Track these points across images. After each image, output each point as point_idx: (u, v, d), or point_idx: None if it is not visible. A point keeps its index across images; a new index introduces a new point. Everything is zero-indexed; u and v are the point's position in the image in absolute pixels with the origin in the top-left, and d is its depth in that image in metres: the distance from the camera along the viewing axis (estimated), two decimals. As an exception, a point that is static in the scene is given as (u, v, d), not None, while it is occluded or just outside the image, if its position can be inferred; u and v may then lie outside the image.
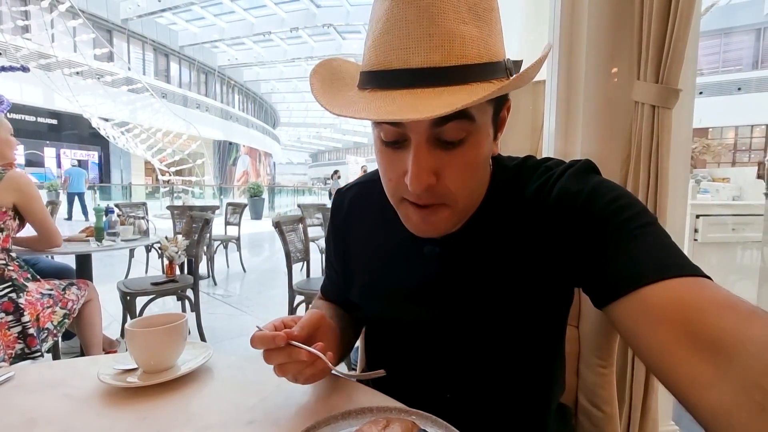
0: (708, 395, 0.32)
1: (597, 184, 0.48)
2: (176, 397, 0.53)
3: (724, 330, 0.33)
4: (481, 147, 0.47)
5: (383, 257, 0.62)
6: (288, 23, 19.77)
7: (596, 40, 1.30)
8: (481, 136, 0.46)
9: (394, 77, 0.41)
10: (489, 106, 0.46)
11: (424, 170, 0.44)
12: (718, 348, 0.33)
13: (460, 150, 0.45)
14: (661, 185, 1.19)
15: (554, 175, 0.52)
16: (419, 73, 0.40)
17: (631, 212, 0.44)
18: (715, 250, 2.52)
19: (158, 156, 13.74)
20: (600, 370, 0.79)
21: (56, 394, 0.53)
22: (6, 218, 1.70)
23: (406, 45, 0.40)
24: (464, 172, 0.46)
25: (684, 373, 0.34)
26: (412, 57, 0.40)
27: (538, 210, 0.51)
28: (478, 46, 0.41)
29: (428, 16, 0.39)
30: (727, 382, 0.31)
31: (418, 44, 0.40)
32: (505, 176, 0.56)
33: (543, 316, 0.55)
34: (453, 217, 0.50)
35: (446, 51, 0.40)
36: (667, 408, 1.50)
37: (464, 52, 0.40)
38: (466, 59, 0.40)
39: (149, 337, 0.56)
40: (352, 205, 0.68)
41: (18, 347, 1.63)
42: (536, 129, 1.77)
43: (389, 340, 0.65)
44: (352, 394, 0.54)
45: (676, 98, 1.15)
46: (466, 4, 0.40)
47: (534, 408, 0.61)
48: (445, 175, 0.46)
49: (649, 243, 0.42)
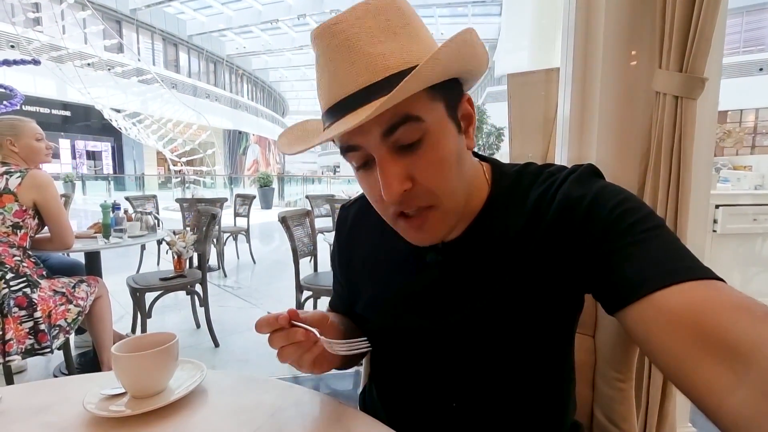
0: (727, 402, 0.32)
1: (601, 188, 0.48)
2: (165, 426, 0.50)
3: (740, 333, 0.32)
4: (443, 143, 0.47)
5: (387, 268, 0.62)
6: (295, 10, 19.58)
7: (615, 25, 1.22)
8: (439, 133, 0.47)
9: (338, 108, 0.45)
10: (436, 102, 0.46)
11: (394, 178, 0.45)
12: (735, 352, 0.32)
13: (422, 150, 0.46)
14: (684, 180, 1.12)
15: (557, 180, 0.51)
16: (355, 96, 0.43)
17: (638, 216, 0.44)
18: (735, 241, 2.43)
19: (169, 146, 13.83)
20: (618, 384, 0.75)
21: (38, 422, 0.50)
22: (26, 216, 1.72)
23: (339, 80, 0.44)
24: (435, 170, 0.47)
25: (700, 378, 0.34)
26: (346, 87, 0.44)
27: (541, 216, 0.51)
28: (401, 56, 0.44)
29: (346, 48, 0.43)
30: (746, 388, 0.31)
31: (346, 74, 0.44)
32: (505, 182, 0.56)
33: (549, 323, 0.54)
34: (445, 219, 0.50)
35: (370, 70, 0.43)
36: (684, 410, 1.45)
37: (387, 65, 0.43)
38: (391, 70, 0.43)
39: (136, 362, 0.53)
40: (355, 219, 0.69)
41: (28, 342, 1.64)
42: (549, 120, 1.70)
43: (395, 349, 0.63)
44: (350, 424, 0.50)
45: (701, 88, 1.07)
46: (377, 28, 0.44)
47: (544, 419, 0.60)
48: (417, 178, 0.47)
49: (658, 246, 0.41)
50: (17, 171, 1.72)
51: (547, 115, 1.71)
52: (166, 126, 13.09)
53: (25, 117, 1.95)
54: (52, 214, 1.79)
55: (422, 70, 0.40)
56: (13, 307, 1.61)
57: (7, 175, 1.70)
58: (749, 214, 2.40)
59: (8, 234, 1.68)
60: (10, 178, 1.69)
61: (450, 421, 0.58)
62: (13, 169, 1.73)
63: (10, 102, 5.23)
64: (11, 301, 1.60)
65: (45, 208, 1.76)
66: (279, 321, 0.49)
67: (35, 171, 1.76)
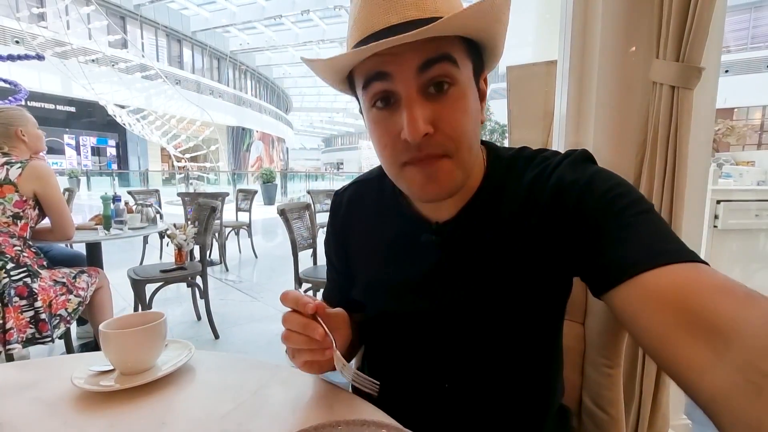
0: (706, 378, 0.33)
1: (594, 173, 0.49)
2: (150, 402, 0.51)
3: (721, 313, 0.33)
4: (468, 97, 0.48)
5: (383, 251, 0.62)
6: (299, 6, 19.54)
7: (612, 15, 1.21)
8: (467, 87, 0.48)
9: (378, 37, 0.44)
10: (467, 60, 0.48)
11: (420, 118, 0.45)
12: (716, 331, 0.33)
13: (449, 97, 0.47)
14: (680, 171, 1.11)
15: (551, 164, 0.52)
16: (399, 28, 0.43)
17: (628, 200, 0.45)
18: (736, 237, 2.41)
19: (173, 142, 13.87)
20: (606, 370, 0.75)
21: (26, 397, 0.51)
22: (26, 207, 1.73)
23: (384, 9, 0.44)
24: (457, 118, 0.47)
25: (682, 357, 0.35)
26: (391, 17, 0.44)
27: (535, 199, 0.51)
28: (449, 2, 0.45)
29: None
30: (724, 365, 0.32)
31: (394, 5, 0.44)
32: (501, 165, 0.56)
33: (539, 305, 0.55)
34: (455, 170, 0.49)
35: (420, 7, 0.44)
36: (679, 402, 1.45)
37: (436, 7, 0.44)
38: (439, 12, 0.44)
39: (123, 338, 0.53)
40: (350, 205, 0.68)
41: (29, 332, 1.66)
42: (548, 113, 1.69)
43: (389, 332, 0.64)
44: (334, 404, 0.50)
45: (697, 78, 1.07)
46: None
47: (532, 401, 0.60)
48: (440, 124, 0.47)
49: (646, 230, 0.42)
50: (18, 162, 1.73)
51: (547, 107, 1.70)
52: (169, 122, 13.12)
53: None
54: (52, 205, 1.80)
55: (467, 12, 0.42)
56: (13, 297, 1.62)
57: (8, 165, 1.71)
58: (751, 210, 2.38)
59: (8, 224, 1.70)
60: (11, 169, 1.70)
61: (442, 402, 0.59)
62: (13, 159, 1.75)
63: (15, 97, 5.27)
64: (12, 291, 1.62)
65: (45, 199, 1.78)
66: (305, 308, 0.48)
67: (36, 162, 1.77)
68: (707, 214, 2.28)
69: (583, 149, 0.53)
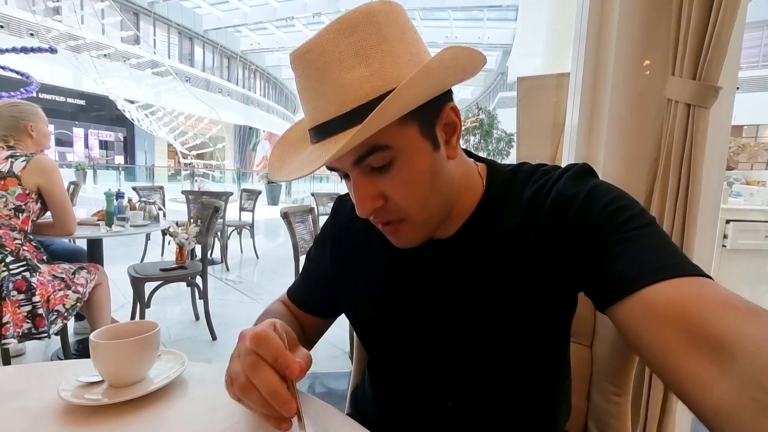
0: (710, 394, 0.32)
1: (594, 186, 0.49)
2: (140, 418, 0.48)
3: (725, 329, 0.33)
4: (415, 164, 0.47)
5: (384, 268, 0.61)
6: (311, 8, 19.66)
7: (628, 30, 1.19)
8: (410, 154, 0.47)
9: (315, 133, 0.47)
10: (407, 127, 0.45)
11: (366, 197, 0.48)
12: (719, 347, 0.33)
13: (393, 171, 0.47)
14: (693, 190, 1.09)
15: (551, 178, 0.52)
16: (326, 125, 0.45)
17: (629, 213, 0.45)
18: (745, 257, 2.37)
19: (180, 139, 13.94)
20: (614, 398, 0.72)
21: (12, 406, 0.49)
22: (29, 200, 1.72)
23: (313, 107, 0.46)
24: (405, 189, 0.48)
25: (686, 372, 0.34)
26: (319, 116, 0.46)
27: (536, 213, 0.51)
28: (370, 83, 0.43)
29: (317, 78, 0.44)
30: (728, 381, 0.31)
31: (318, 104, 0.45)
32: (500, 181, 0.56)
33: (543, 322, 0.54)
34: (416, 230, 0.51)
35: (338, 102, 0.44)
36: (684, 428, 1.41)
37: (355, 96, 0.43)
38: (358, 101, 0.43)
39: (113, 349, 0.51)
40: (353, 213, 0.65)
41: (26, 326, 1.65)
42: (558, 125, 1.67)
43: (390, 348, 0.63)
44: (327, 423, 0.48)
45: (715, 97, 1.04)
46: (349, 52, 0.43)
47: (536, 423, 0.59)
48: (389, 196, 0.48)
49: (648, 244, 0.42)
50: (22, 155, 1.73)
51: (557, 119, 1.68)
52: (177, 119, 13.21)
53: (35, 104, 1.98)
54: (55, 200, 1.79)
55: (387, 105, 0.40)
56: (11, 291, 1.61)
57: (12, 158, 1.70)
58: (761, 230, 2.34)
59: (10, 217, 1.69)
60: (15, 162, 1.70)
61: (446, 420, 0.57)
62: (18, 153, 1.74)
63: (26, 89, 5.30)
64: (10, 284, 1.61)
65: (48, 193, 1.77)
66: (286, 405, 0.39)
67: (40, 156, 1.77)
68: (716, 234, 2.25)
69: (583, 163, 0.53)
